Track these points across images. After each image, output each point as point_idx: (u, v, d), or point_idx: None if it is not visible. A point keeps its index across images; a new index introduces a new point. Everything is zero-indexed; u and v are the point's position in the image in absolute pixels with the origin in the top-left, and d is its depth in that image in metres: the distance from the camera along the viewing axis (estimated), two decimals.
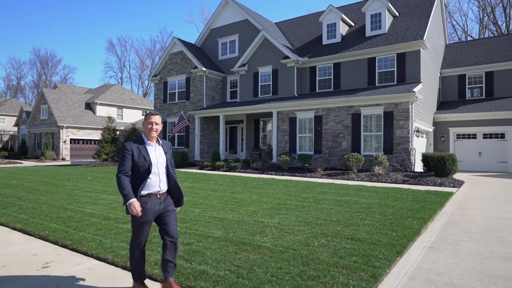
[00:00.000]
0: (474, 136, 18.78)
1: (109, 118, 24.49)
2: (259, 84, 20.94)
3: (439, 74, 21.21)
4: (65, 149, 31.40)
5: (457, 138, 19.29)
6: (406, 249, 4.65)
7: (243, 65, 21.33)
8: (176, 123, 21.22)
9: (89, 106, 35.48)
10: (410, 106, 14.36)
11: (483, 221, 6.35)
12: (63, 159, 30.67)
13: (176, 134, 23.08)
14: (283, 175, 14.83)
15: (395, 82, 16.99)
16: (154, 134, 3.35)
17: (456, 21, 50.14)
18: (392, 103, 14.71)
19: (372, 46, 17.64)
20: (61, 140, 31.06)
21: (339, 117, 16.17)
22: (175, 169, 18.72)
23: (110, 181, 12.94)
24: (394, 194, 9.12)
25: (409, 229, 5.57)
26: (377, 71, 17.55)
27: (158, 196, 3.28)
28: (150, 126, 3.33)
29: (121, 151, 3.21)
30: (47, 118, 32.78)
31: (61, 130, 31.07)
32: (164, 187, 3.34)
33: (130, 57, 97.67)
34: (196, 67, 22.00)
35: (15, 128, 43.14)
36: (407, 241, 4.92)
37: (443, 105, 20.94)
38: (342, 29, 20.15)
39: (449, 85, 21.46)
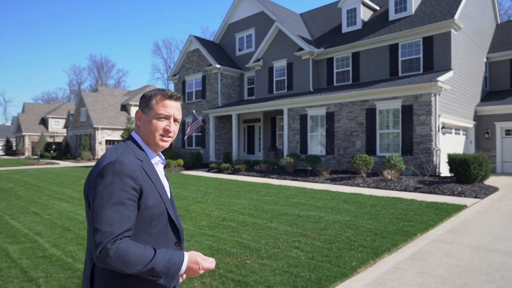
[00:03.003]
0: None
1: (128, 119, 24.73)
2: (274, 79, 19.55)
3: (485, 60, 18.09)
4: (100, 150, 32.65)
5: (506, 134, 16.25)
6: None
7: (258, 60, 20.08)
8: (190, 123, 20.66)
9: (125, 108, 36.62)
10: (432, 99, 12.10)
11: (466, 255, 4.55)
12: (98, 159, 31.89)
13: (194, 134, 22.59)
14: (284, 179, 13.40)
15: (421, 71, 14.61)
16: (167, 143, 1.53)
17: None
18: (411, 95, 12.54)
19: (395, 30, 15.38)
20: (96, 141, 32.34)
21: (352, 113, 14.28)
22: (184, 172, 17.37)
23: None
24: (381, 209, 7.36)
25: (339, 267, 4.05)
26: (400, 59, 15.26)
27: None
28: (164, 124, 1.49)
29: (107, 183, 1.30)
30: (86, 120, 34.38)
31: (96, 131, 32.34)
32: None
33: (175, 59, 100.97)
34: (210, 65, 21.21)
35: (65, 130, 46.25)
36: None
37: (490, 95, 17.85)
38: (364, 15, 17.99)
39: (499, 71, 18.23)
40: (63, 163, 28.12)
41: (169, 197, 1.52)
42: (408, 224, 6.00)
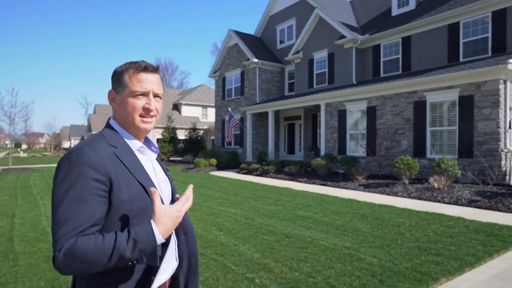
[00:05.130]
0: None
1: (169, 117, 24.67)
2: (314, 72, 17.73)
3: None
4: None
5: None
6: None
7: (297, 51, 18.42)
8: (227, 121, 19.77)
9: (176, 107, 37.23)
10: (501, 86, 9.49)
11: None
12: None
13: (233, 133, 21.64)
14: (313, 183, 11.69)
15: (489, 54, 11.79)
16: (151, 125, 1.27)
17: None
18: (471, 83, 10.01)
19: (456, 6, 12.69)
20: None
21: (398, 108, 12.01)
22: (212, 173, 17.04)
23: None
24: (405, 231, 5.45)
25: None
26: (461, 41, 12.53)
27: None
28: (143, 102, 1.24)
29: (62, 176, 1.08)
30: None
31: None
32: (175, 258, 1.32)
33: None
34: (248, 59, 20.05)
35: None
36: None
37: None
38: None
39: None
40: None
41: (161, 191, 1.26)
42: (432, 260, 4.13)
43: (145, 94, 1.22)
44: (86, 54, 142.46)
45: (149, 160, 1.30)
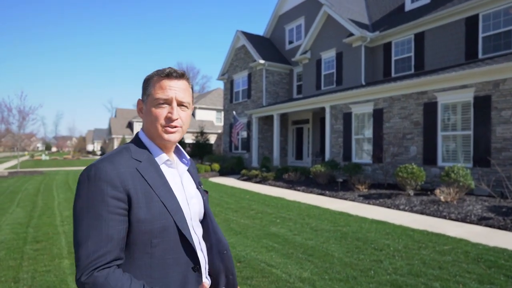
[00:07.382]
0: None
1: None
2: (322, 73, 16.74)
3: None
4: None
5: None
6: None
7: (305, 52, 17.49)
8: (233, 125, 19.10)
9: None
10: None
11: None
12: None
13: (240, 137, 20.95)
14: (310, 192, 10.74)
15: None
16: (175, 135, 1.17)
17: None
18: (488, 81, 8.80)
19: None
20: None
21: (406, 110, 10.87)
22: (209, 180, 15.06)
23: None
24: (385, 257, 4.47)
25: None
26: (480, 35, 11.24)
27: None
28: (165, 111, 1.16)
29: (80, 193, 1.04)
30: None
31: None
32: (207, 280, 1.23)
33: None
34: (255, 60, 19.30)
35: None
36: None
37: None
38: None
39: None
40: None
41: (189, 209, 1.19)
42: None
43: (167, 102, 1.16)
44: (112, 62, 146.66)
45: (177, 174, 1.23)
